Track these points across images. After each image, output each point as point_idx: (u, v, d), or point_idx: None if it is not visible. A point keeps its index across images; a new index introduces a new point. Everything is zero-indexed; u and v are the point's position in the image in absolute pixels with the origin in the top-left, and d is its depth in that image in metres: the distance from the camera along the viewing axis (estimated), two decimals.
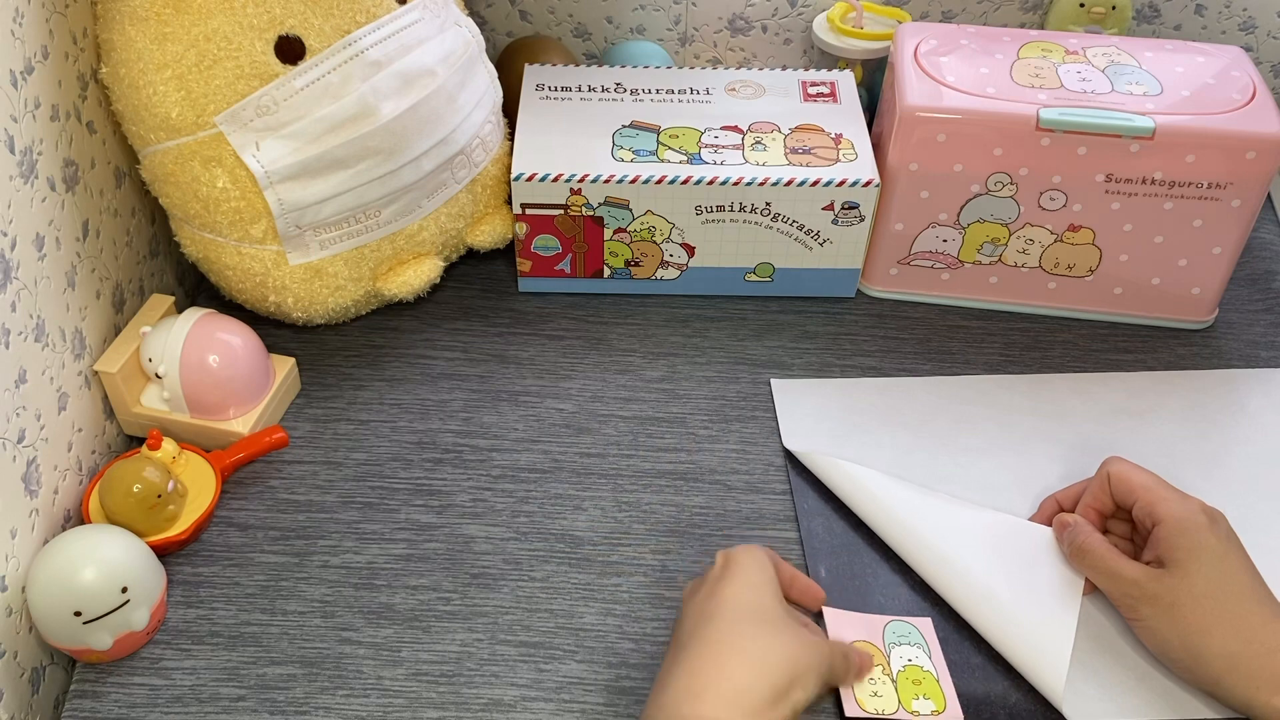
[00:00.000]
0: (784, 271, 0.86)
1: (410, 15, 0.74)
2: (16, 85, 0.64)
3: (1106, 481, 0.67)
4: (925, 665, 0.64)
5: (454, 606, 0.68)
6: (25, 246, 0.66)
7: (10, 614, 0.64)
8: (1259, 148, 0.75)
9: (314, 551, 0.71)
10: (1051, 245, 0.82)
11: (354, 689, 0.64)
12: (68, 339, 0.71)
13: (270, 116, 0.70)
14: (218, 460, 0.73)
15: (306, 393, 0.80)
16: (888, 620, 0.66)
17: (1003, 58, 0.81)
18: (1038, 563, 0.67)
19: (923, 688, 0.63)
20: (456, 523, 0.72)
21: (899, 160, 0.80)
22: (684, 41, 1.01)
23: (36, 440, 0.67)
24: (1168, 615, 0.61)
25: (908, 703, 0.62)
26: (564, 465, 0.76)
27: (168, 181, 0.74)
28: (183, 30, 0.68)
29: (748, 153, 0.82)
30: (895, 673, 0.63)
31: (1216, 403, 0.80)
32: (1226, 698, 0.60)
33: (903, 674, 0.63)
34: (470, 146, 0.80)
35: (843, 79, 0.90)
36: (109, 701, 0.64)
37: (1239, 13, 0.98)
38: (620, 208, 0.82)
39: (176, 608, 0.68)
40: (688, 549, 0.71)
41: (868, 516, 0.71)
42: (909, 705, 0.62)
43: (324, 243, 0.76)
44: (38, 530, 0.67)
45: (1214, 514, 0.63)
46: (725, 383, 0.81)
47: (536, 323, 0.86)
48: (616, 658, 0.66)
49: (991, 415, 0.79)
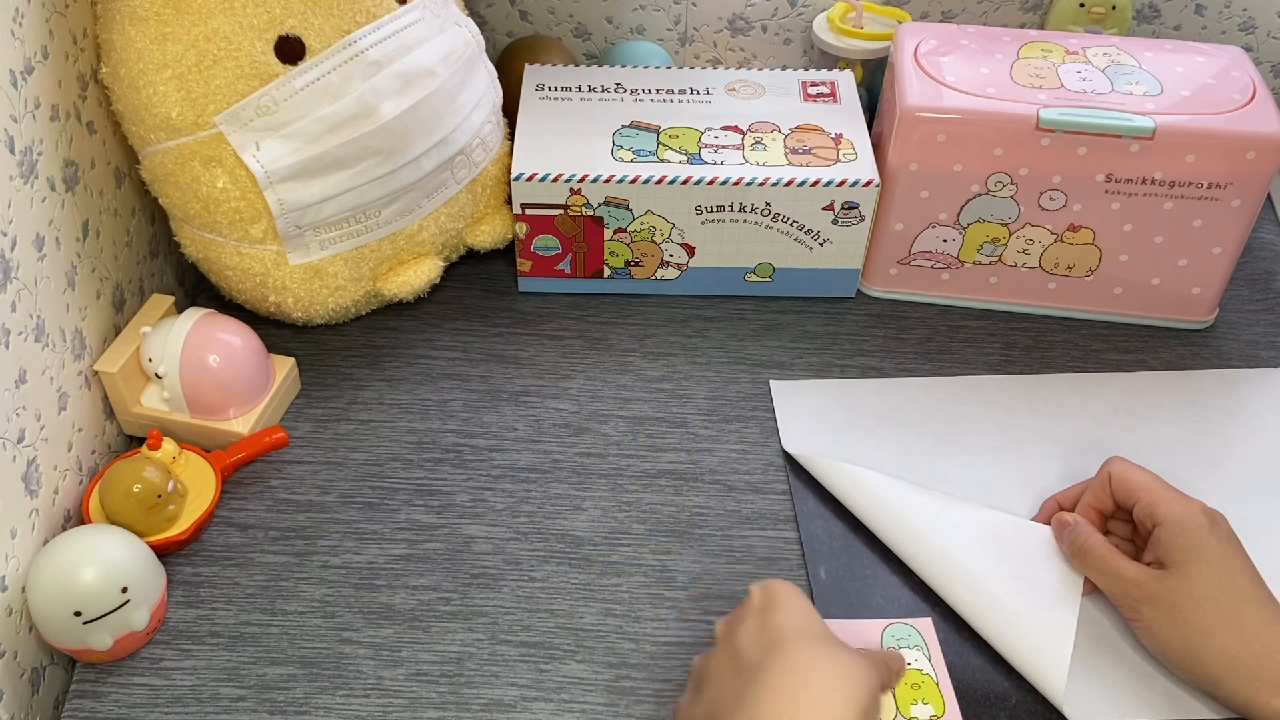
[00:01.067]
0: (784, 271, 0.86)
1: (410, 15, 0.74)
2: (16, 85, 0.64)
3: (1107, 481, 0.67)
4: (925, 669, 0.64)
5: (454, 606, 0.68)
6: (25, 246, 0.66)
7: (10, 614, 0.64)
8: (1259, 148, 0.75)
9: (314, 551, 0.71)
10: (1051, 245, 0.82)
11: (354, 689, 0.64)
12: (68, 339, 0.71)
13: (270, 116, 0.70)
14: (218, 460, 0.73)
15: (306, 393, 0.80)
16: (885, 624, 0.66)
17: (1003, 58, 0.81)
18: (1037, 562, 0.67)
19: (921, 692, 0.62)
20: (456, 523, 0.72)
21: (899, 160, 0.80)
22: (684, 41, 1.01)
23: (36, 440, 0.67)
24: (1168, 616, 0.61)
25: (905, 709, 0.62)
26: (564, 465, 0.76)
27: (168, 181, 0.74)
28: (183, 30, 0.68)
29: (748, 153, 0.82)
30: None
31: (1216, 402, 0.80)
32: (1227, 699, 0.60)
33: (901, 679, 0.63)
34: (470, 146, 0.80)
35: (843, 79, 0.90)
36: (109, 701, 0.64)
37: (1239, 13, 0.98)
38: (620, 208, 0.82)
39: (176, 608, 0.68)
40: (688, 549, 0.71)
41: (867, 518, 0.71)
42: (907, 711, 0.61)
43: (324, 243, 0.76)
44: (38, 530, 0.67)
45: (1215, 515, 0.63)
46: (725, 383, 0.81)
47: (536, 323, 0.86)
48: (616, 658, 0.66)
49: (991, 415, 0.79)
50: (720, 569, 0.70)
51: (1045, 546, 0.67)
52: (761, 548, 0.71)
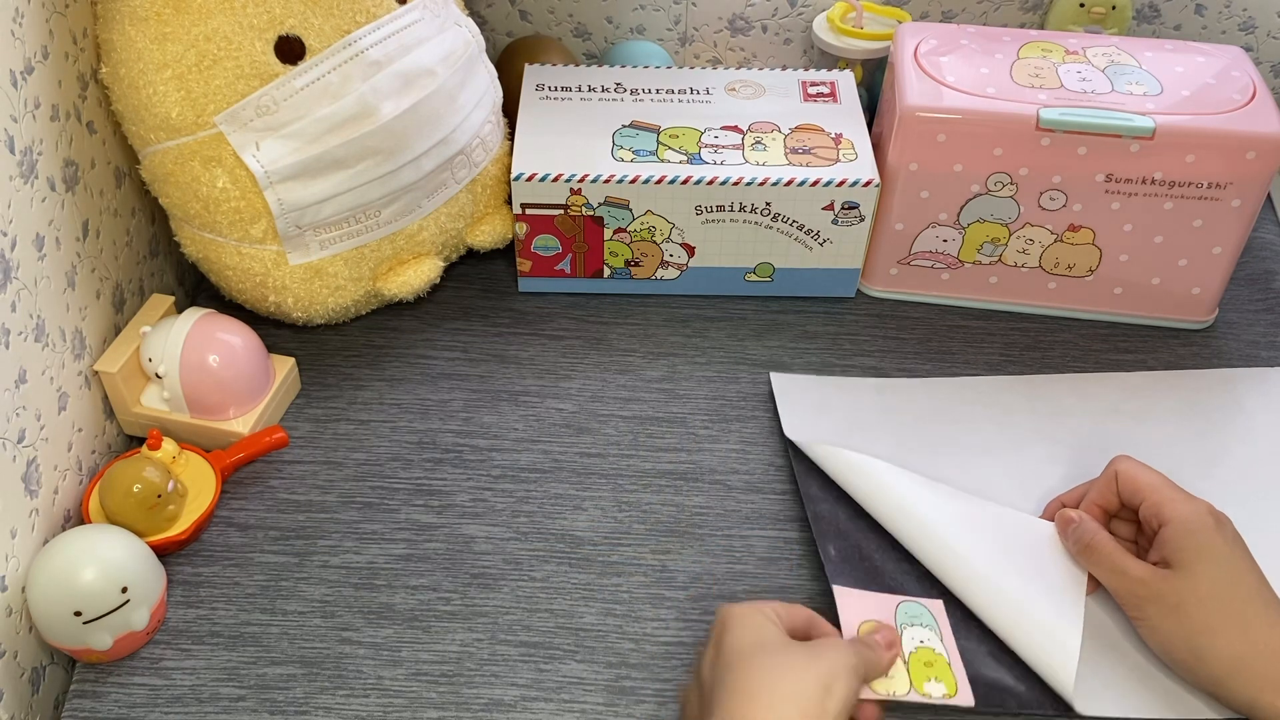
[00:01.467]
0: (784, 271, 0.86)
1: (410, 15, 0.74)
2: (16, 85, 0.64)
3: (1114, 480, 0.67)
4: (937, 648, 0.63)
5: (454, 606, 0.68)
6: (25, 246, 0.66)
7: (10, 614, 0.64)
8: (1259, 148, 0.75)
9: (314, 551, 0.71)
10: (1051, 245, 0.82)
11: (354, 689, 0.64)
12: (68, 339, 0.71)
13: (270, 116, 0.70)
14: (218, 460, 0.73)
15: (306, 393, 0.80)
16: (900, 600, 0.66)
17: (1003, 58, 0.81)
18: (1042, 557, 0.67)
19: (934, 670, 0.62)
20: (456, 523, 0.72)
21: (899, 160, 0.80)
22: (684, 41, 1.01)
23: (36, 440, 0.67)
24: (1173, 615, 0.61)
25: (920, 685, 0.61)
26: (564, 465, 0.76)
27: (168, 181, 0.74)
28: (183, 30, 0.68)
29: (748, 153, 0.82)
30: (907, 654, 0.63)
31: (1216, 402, 0.80)
32: (1230, 699, 0.60)
33: (914, 655, 0.63)
34: (470, 146, 0.80)
35: (843, 79, 0.90)
36: (109, 701, 0.64)
37: (1239, 13, 0.98)
38: (620, 208, 0.82)
39: (176, 608, 0.68)
40: (688, 549, 0.71)
41: (870, 504, 0.70)
42: (920, 687, 0.61)
43: (324, 243, 0.76)
44: (38, 530, 0.67)
45: (1220, 516, 0.63)
46: (725, 383, 0.81)
47: (536, 323, 0.86)
48: (616, 658, 0.66)
49: (992, 415, 0.79)
50: (720, 569, 0.70)
51: (1049, 543, 0.67)
52: (761, 548, 0.71)
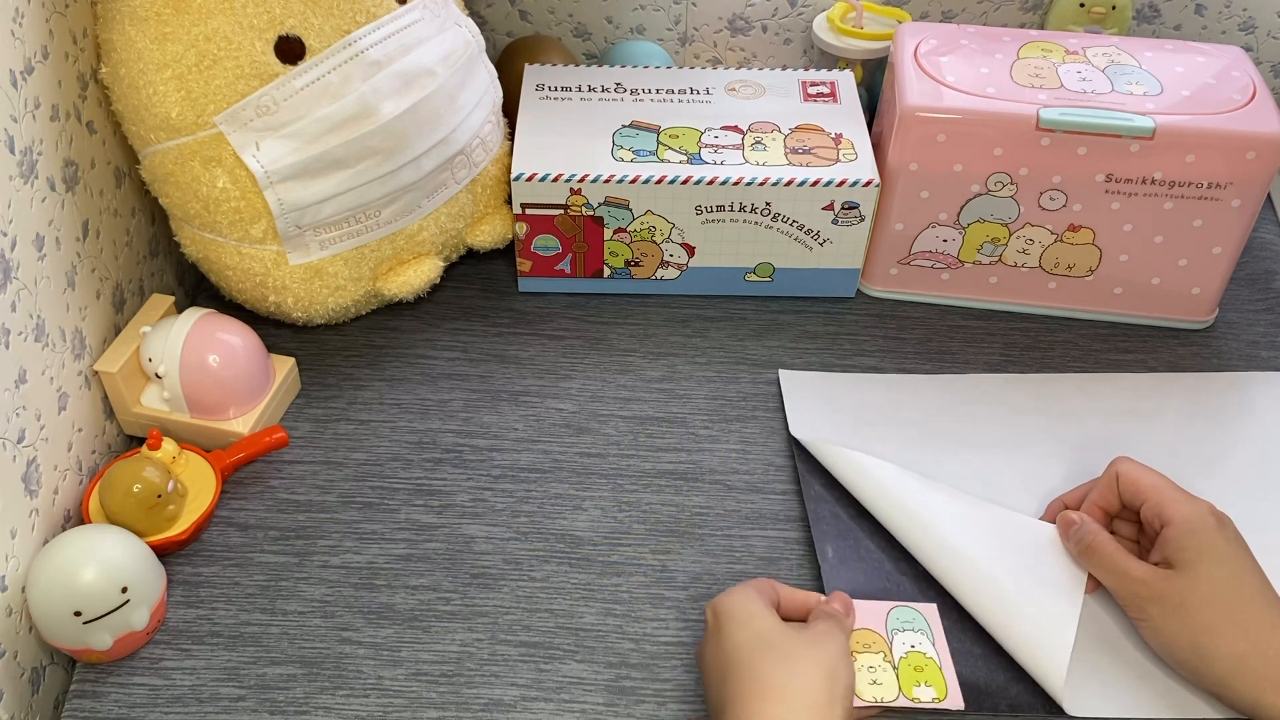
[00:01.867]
0: (784, 271, 0.86)
1: (410, 15, 0.74)
2: (16, 85, 0.64)
3: (1115, 481, 0.67)
4: (928, 652, 0.64)
5: (454, 606, 0.68)
6: (25, 246, 0.66)
7: (10, 614, 0.64)
8: (1259, 148, 0.75)
9: (314, 551, 0.71)
10: (1051, 245, 0.82)
11: (354, 689, 0.64)
12: (68, 339, 0.71)
13: (270, 116, 0.70)
14: (218, 460, 0.73)
15: (306, 393, 0.80)
16: (891, 606, 0.66)
17: (1003, 58, 0.81)
18: (1041, 558, 0.67)
19: (924, 674, 0.63)
20: (456, 523, 0.72)
21: (899, 160, 0.80)
22: (684, 41, 1.01)
23: (36, 440, 0.67)
24: (1175, 615, 0.61)
25: (909, 690, 0.62)
26: (564, 465, 0.76)
27: (168, 181, 0.74)
28: (183, 30, 0.68)
29: (748, 153, 0.82)
30: (897, 659, 0.63)
31: (1218, 403, 0.80)
32: (1232, 699, 0.60)
33: (905, 660, 0.63)
34: (470, 146, 0.80)
35: (843, 79, 0.90)
36: (109, 701, 0.64)
37: (1239, 13, 0.98)
38: (620, 208, 0.82)
39: (176, 608, 0.68)
40: (688, 549, 0.71)
41: (872, 504, 0.71)
42: (909, 693, 0.62)
43: (324, 243, 0.76)
44: (38, 530, 0.67)
45: (1222, 517, 0.64)
46: (725, 383, 0.81)
47: (536, 323, 0.86)
48: (616, 658, 0.66)
49: (995, 414, 0.79)
50: (720, 569, 0.70)
51: (1049, 543, 0.67)
52: (761, 548, 0.71)
